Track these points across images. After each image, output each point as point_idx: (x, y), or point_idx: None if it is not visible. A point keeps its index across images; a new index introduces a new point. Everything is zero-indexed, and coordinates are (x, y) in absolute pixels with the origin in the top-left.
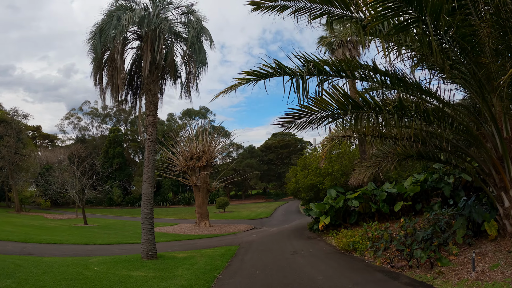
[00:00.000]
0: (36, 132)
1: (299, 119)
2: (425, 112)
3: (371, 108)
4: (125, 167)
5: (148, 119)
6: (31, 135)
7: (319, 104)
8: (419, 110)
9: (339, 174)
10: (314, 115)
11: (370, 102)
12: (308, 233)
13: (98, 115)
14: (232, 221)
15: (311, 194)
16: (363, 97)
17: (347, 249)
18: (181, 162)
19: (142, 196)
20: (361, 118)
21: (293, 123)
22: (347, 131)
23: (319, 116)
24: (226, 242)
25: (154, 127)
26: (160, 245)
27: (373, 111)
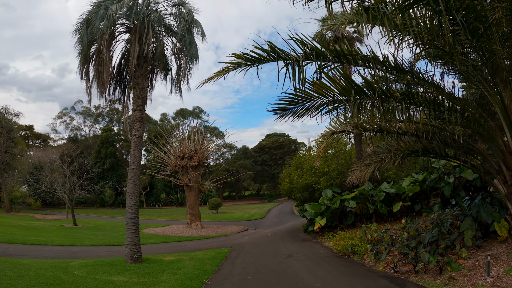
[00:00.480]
0: (29, 132)
1: (295, 105)
2: (435, 100)
3: (376, 94)
4: (117, 167)
5: (135, 114)
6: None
7: (318, 89)
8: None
9: (335, 173)
10: (313, 101)
11: (375, 88)
12: (303, 235)
13: (91, 114)
14: (225, 222)
15: (306, 195)
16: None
17: (346, 252)
18: (173, 161)
19: (127, 195)
20: (365, 106)
21: (289, 110)
22: (346, 126)
23: (318, 103)
24: (218, 244)
25: (141, 122)
26: (148, 247)
27: (378, 98)
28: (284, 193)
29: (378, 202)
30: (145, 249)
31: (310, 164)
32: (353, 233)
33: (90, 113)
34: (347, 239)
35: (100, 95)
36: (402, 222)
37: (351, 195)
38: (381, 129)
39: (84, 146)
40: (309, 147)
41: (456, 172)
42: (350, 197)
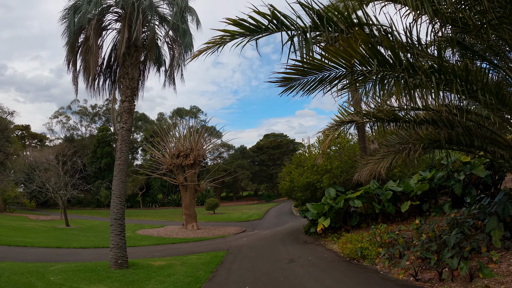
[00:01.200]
0: (25, 132)
1: (304, 76)
2: (468, 75)
3: (403, 65)
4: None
5: (124, 106)
6: (20, 135)
7: (334, 57)
8: (460, 71)
9: (339, 171)
10: (326, 72)
11: (401, 59)
12: (304, 236)
13: (87, 114)
14: (222, 223)
15: (308, 194)
16: (393, 49)
17: (354, 257)
18: (167, 160)
19: (112, 193)
20: (388, 82)
21: (297, 82)
22: (354, 116)
23: (333, 74)
24: (213, 247)
25: (130, 114)
26: (140, 250)
27: (404, 71)
28: (284, 193)
29: (385, 201)
30: (136, 252)
31: (311, 161)
32: (360, 235)
33: (86, 113)
34: (355, 242)
35: (87, 85)
36: (415, 223)
37: (356, 194)
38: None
39: (81, 146)
40: (310, 144)
41: (467, 169)
42: (355, 196)
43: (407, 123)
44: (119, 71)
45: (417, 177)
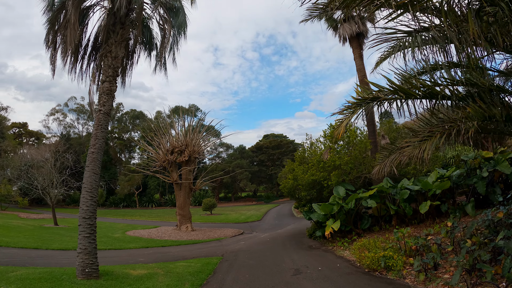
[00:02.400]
0: (22, 129)
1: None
2: None
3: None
4: (110, 166)
5: (104, 86)
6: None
7: None
8: None
9: (349, 167)
10: None
11: None
12: (308, 241)
13: (84, 111)
14: (219, 224)
15: (313, 193)
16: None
17: (375, 268)
18: (161, 156)
19: (82, 187)
20: None
21: None
22: (379, 93)
23: None
24: (207, 252)
25: (110, 96)
26: (124, 253)
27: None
28: (286, 192)
29: (401, 201)
30: (119, 256)
31: (317, 157)
32: (375, 240)
33: (84, 110)
34: (376, 249)
35: (65, 64)
36: (446, 225)
37: (369, 193)
38: (432, 93)
39: (77, 144)
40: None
41: (489, 166)
42: (368, 195)
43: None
44: (102, 49)
45: (435, 174)
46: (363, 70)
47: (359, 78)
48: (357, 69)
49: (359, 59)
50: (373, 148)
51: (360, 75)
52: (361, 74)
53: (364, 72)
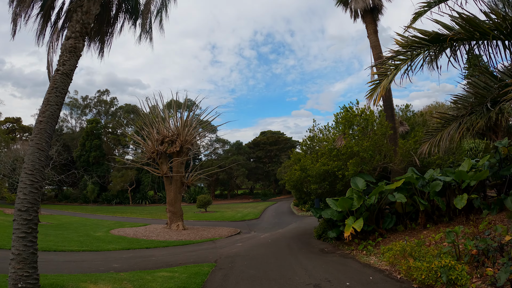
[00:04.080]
0: (16, 124)
1: None
2: None
3: None
4: (103, 161)
5: (68, 43)
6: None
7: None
8: None
9: (369, 154)
10: None
11: None
12: (317, 243)
13: (78, 106)
14: (213, 223)
15: (325, 186)
16: None
17: (431, 283)
18: (150, 146)
19: (23, 168)
20: None
21: None
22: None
23: None
24: (197, 256)
25: (73, 55)
26: (98, 256)
27: None
28: (291, 186)
29: (432, 194)
30: (91, 260)
31: (329, 144)
32: (412, 243)
33: (77, 104)
34: (427, 257)
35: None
36: None
37: (395, 185)
38: None
39: (70, 139)
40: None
41: None
42: (394, 187)
43: None
44: (72, 3)
45: (468, 163)
46: (379, 47)
47: (375, 57)
48: (372, 46)
49: (373, 35)
50: (392, 135)
51: (376, 52)
52: (377, 52)
53: (379, 49)
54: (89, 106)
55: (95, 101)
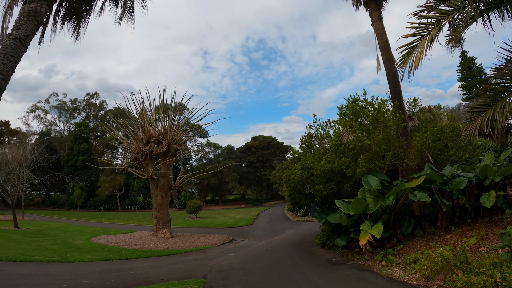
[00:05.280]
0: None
1: None
2: None
3: None
4: (91, 166)
5: (28, 7)
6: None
7: None
8: None
9: (382, 149)
10: None
11: None
12: (322, 252)
13: (67, 109)
14: (204, 229)
15: (332, 186)
16: None
17: None
18: (134, 147)
19: None
20: None
21: None
22: None
23: None
24: (183, 270)
25: (31, 20)
26: (70, 268)
27: None
28: (291, 188)
29: (456, 193)
30: (53, 275)
31: (335, 138)
32: (462, 250)
33: (65, 108)
34: (480, 268)
35: None
36: None
37: (415, 182)
38: None
39: (58, 143)
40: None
41: None
42: (415, 185)
43: None
44: None
45: (490, 157)
46: (385, 35)
47: (380, 45)
48: (377, 34)
49: (378, 22)
50: (403, 129)
51: (382, 40)
52: (383, 40)
53: (385, 37)
54: (78, 109)
55: (84, 104)
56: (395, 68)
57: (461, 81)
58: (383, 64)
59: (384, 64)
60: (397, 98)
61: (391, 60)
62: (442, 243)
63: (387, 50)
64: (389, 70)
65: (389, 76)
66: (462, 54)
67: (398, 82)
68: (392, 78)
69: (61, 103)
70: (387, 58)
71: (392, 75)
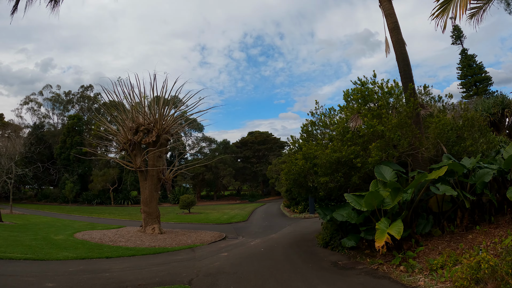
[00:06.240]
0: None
1: None
2: None
3: None
4: (84, 159)
5: None
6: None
7: None
8: None
9: (397, 136)
10: None
11: None
12: (325, 252)
13: (60, 101)
14: (196, 225)
15: (338, 178)
16: None
17: None
18: (122, 136)
19: None
20: None
21: None
22: None
23: None
24: (166, 273)
25: None
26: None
27: None
28: (290, 181)
29: (480, 187)
30: (15, 275)
31: (341, 125)
32: (510, 252)
33: (59, 100)
34: None
35: None
36: None
37: (437, 173)
38: None
39: (51, 135)
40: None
41: None
42: (437, 177)
43: None
44: None
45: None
46: (394, 15)
47: (389, 26)
48: (386, 14)
49: (387, 2)
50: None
51: (391, 21)
52: (392, 21)
53: (395, 18)
54: (72, 102)
55: (78, 96)
56: (406, 50)
57: (461, 79)
58: (393, 47)
59: (393, 46)
60: (409, 82)
61: (401, 42)
62: (465, 244)
63: (397, 31)
64: (400, 53)
65: (399, 59)
66: (462, 51)
67: (409, 66)
68: (402, 61)
69: (55, 96)
70: (397, 40)
71: (403, 58)
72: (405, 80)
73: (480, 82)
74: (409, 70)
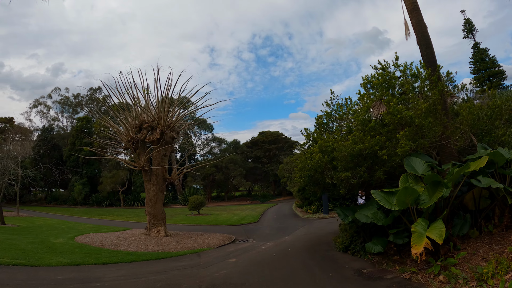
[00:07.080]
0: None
1: None
2: None
3: None
4: (93, 161)
5: None
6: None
7: None
8: None
9: (428, 122)
10: None
11: None
12: (345, 258)
13: (69, 104)
14: (205, 227)
15: (362, 173)
16: None
17: None
18: (124, 134)
19: None
20: None
21: None
22: None
23: None
24: (165, 285)
25: None
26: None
27: None
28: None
29: None
30: None
31: (361, 114)
32: None
33: (68, 102)
34: None
35: None
36: None
37: (477, 164)
38: None
39: (60, 138)
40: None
41: None
42: (477, 168)
43: None
44: None
45: None
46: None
47: (408, 7)
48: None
49: None
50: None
51: (410, 1)
52: (411, 1)
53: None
54: (81, 104)
55: (87, 98)
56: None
57: (474, 74)
58: (413, 29)
59: (414, 29)
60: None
61: (422, 24)
62: (509, 246)
63: (417, 12)
64: (421, 36)
65: (422, 42)
66: (474, 45)
67: (432, 49)
68: (425, 44)
69: (64, 98)
70: (417, 22)
71: (425, 40)
72: (428, 65)
73: (494, 76)
74: (433, 54)
